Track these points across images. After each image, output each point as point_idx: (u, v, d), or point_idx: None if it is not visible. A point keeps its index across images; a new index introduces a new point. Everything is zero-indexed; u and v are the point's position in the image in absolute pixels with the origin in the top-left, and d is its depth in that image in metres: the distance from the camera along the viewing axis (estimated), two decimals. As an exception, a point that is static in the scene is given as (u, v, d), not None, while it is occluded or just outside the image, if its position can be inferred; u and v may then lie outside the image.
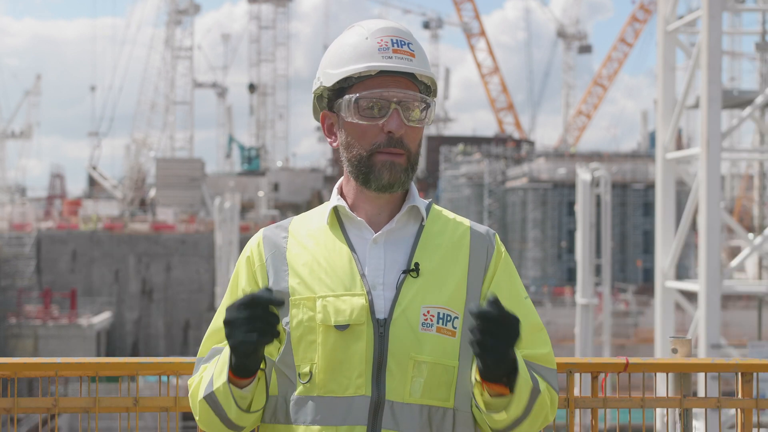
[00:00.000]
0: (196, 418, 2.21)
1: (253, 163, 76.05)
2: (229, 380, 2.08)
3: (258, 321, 1.97)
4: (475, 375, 2.08)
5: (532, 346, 2.19)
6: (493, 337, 1.94)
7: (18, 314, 39.46)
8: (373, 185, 2.19)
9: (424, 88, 2.23)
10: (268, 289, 2.00)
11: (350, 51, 2.20)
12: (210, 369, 2.18)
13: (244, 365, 2.05)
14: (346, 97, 2.18)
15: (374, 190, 2.19)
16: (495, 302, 1.93)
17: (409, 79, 2.19)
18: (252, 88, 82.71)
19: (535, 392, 2.09)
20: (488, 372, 2.00)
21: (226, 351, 2.10)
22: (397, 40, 2.20)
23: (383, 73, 2.17)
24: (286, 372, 2.17)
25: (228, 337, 2.01)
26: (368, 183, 2.19)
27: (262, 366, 2.11)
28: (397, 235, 2.21)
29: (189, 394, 2.25)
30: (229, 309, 2.01)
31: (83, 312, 41.52)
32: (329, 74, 2.22)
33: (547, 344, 2.22)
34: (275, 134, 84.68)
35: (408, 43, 2.21)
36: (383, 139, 2.16)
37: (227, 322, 2.00)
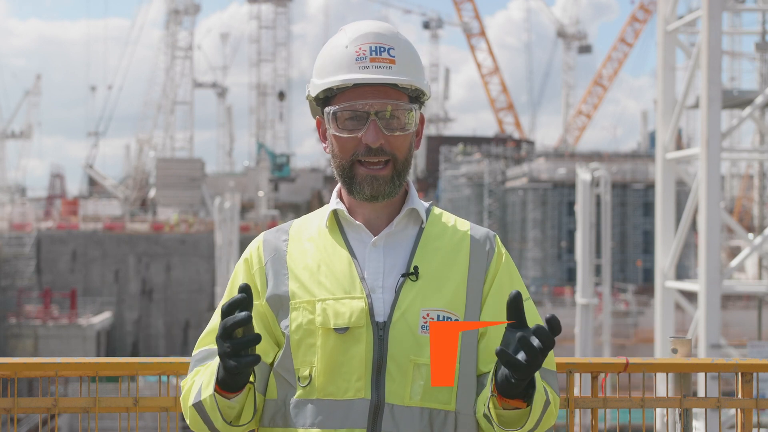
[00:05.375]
0: (187, 420, 2.21)
1: (284, 170, 76.70)
2: (216, 392, 2.07)
3: (236, 348, 1.94)
4: (490, 389, 2.06)
5: None
6: (544, 351, 1.89)
7: (18, 314, 39.46)
8: (357, 197, 2.19)
9: (412, 91, 2.19)
10: (243, 297, 1.95)
11: (331, 61, 2.18)
12: (201, 376, 2.17)
13: (229, 383, 2.04)
14: (327, 109, 2.18)
15: (359, 200, 2.19)
16: (553, 320, 1.87)
17: (391, 87, 2.15)
18: (281, 95, 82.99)
19: (547, 404, 2.09)
20: (510, 386, 1.95)
21: (215, 363, 2.10)
22: (376, 47, 2.16)
23: (362, 84, 2.14)
24: (285, 376, 2.16)
25: (220, 355, 1.99)
26: (352, 194, 2.20)
27: (252, 379, 2.11)
28: (396, 238, 2.21)
29: (181, 396, 2.25)
30: (220, 324, 1.98)
31: (83, 312, 41.52)
32: (314, 84, 2.22)
33: None
34: (275, 134, 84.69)
35: (389, 49, 2.17)
36: (362, 148, 2.15)
37: (217, 337, 1.98)
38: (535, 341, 1.87)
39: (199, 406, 2.13)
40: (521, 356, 1.89)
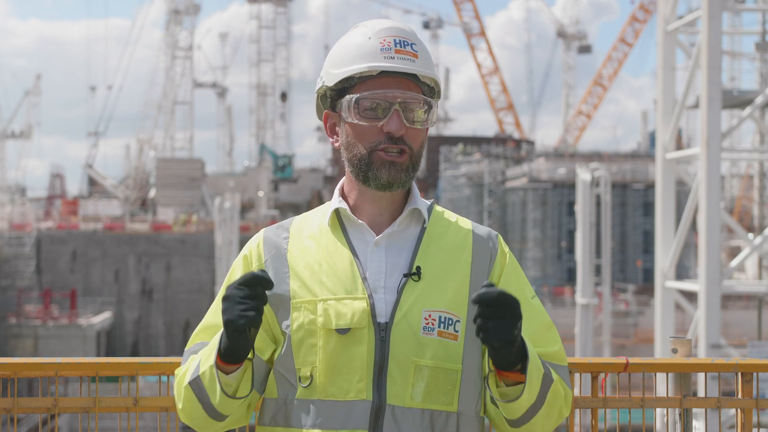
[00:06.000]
0: (179, 406, 2.21)
1: (286, 171, 76.85)
2: (216, 366, 2.08)
3: (256, 300, 2.00)
4: (489, 365, 2.10)
5: (543, 344, 2.20)
6: (495, 319, 1.94)
7: (18, 314, 39.45)
8: (372, 184, 2.18)
9: (427, 89, 2.22)
10: (263, 271, 2.02)
11: (352, 51, 2.19)
12: (197, 357, 2.18)
13: (234, 348, 2.05)
14: (347, 97, 2.17)
15: (374, 188, 2.18)
16: (490, 285, 1.95)
17: (411, 80, 2.18)
18: (284, 96, 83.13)
19: (548, 379, 2.10)
20: (499, 357, 2.02)
21: (216, 337, 2.11)
22: (400, 40, 2.18)
23: (385, 74, 2.16)
24: (286, 375, 2.16)
25: (224, 312, 2.01)
26: (368, 181, 2.18)
27: (249, 356, 2.11)
28: (398, 238, 2.20)
29: (175, 382, 2.25)
30: (229, 287, 2.03)
31: (83, 312, 41.52)
32: (331, 74, 2.21)
33: (557, 342, 2.24)
34: (275, 134, 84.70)
35: (411, 44, 2.19)
36: (383, 137, 2.15)
37: (225, 298, 2.02)
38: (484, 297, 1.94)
39: (196, 382, 2.13)
40: (480, 321, 1.95)
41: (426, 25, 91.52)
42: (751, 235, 19.22)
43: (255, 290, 1.99)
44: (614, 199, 41.70)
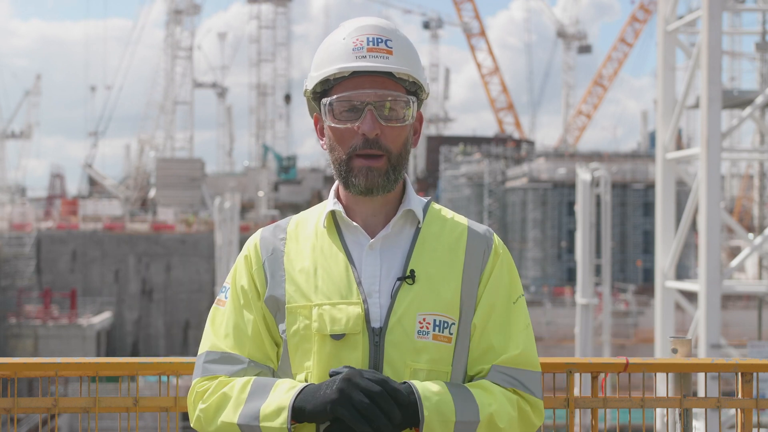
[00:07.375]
0: (209, 428, 2.11)
1: (290, 172, 76.76)
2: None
3: (370, 415, 1.94)
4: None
5: (506, 350, 2.14)
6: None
7: (18, 314, 39.46)
8: (352, 190, 2.14)
9: (410, 84, 2.16)
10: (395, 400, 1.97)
11: (329, 53, 2.16)
12: (242, 389, 2.09)
13: (309, 417, 2.01)
14: (323, 100, 2.15)
15: (355, 194, 2.15)
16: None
17: (387, 77, 2.12)
18: (288, 98, 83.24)
19: (467, 425, 2.03)
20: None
21: (286, 392, 2.04)
22: (374, 38, 2.14)
23: (358, 74, 2.11)
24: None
25: (339, 401, 1.96)
26: (348, 187, 2.15)
27: None
28: (393, 241, 2.17)
29: (203, 407, 2.13)
30: (358, 383, 1.96)
31: (83, 312, 41.53)
32: (311, 77, 2.20)
33: (524, 344, 2.16)
34: (275, 134, 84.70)
35: (386, 41, 2.14)
36: (359, 141, 2.11)
37: (369, 395, 1.95)
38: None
39: (251, 429, 2.03)
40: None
41: (426, 25, 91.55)
42: (751, 235, 19.23)
43: (374, 411, 1.94)
44: (614, 199, 41.71)
